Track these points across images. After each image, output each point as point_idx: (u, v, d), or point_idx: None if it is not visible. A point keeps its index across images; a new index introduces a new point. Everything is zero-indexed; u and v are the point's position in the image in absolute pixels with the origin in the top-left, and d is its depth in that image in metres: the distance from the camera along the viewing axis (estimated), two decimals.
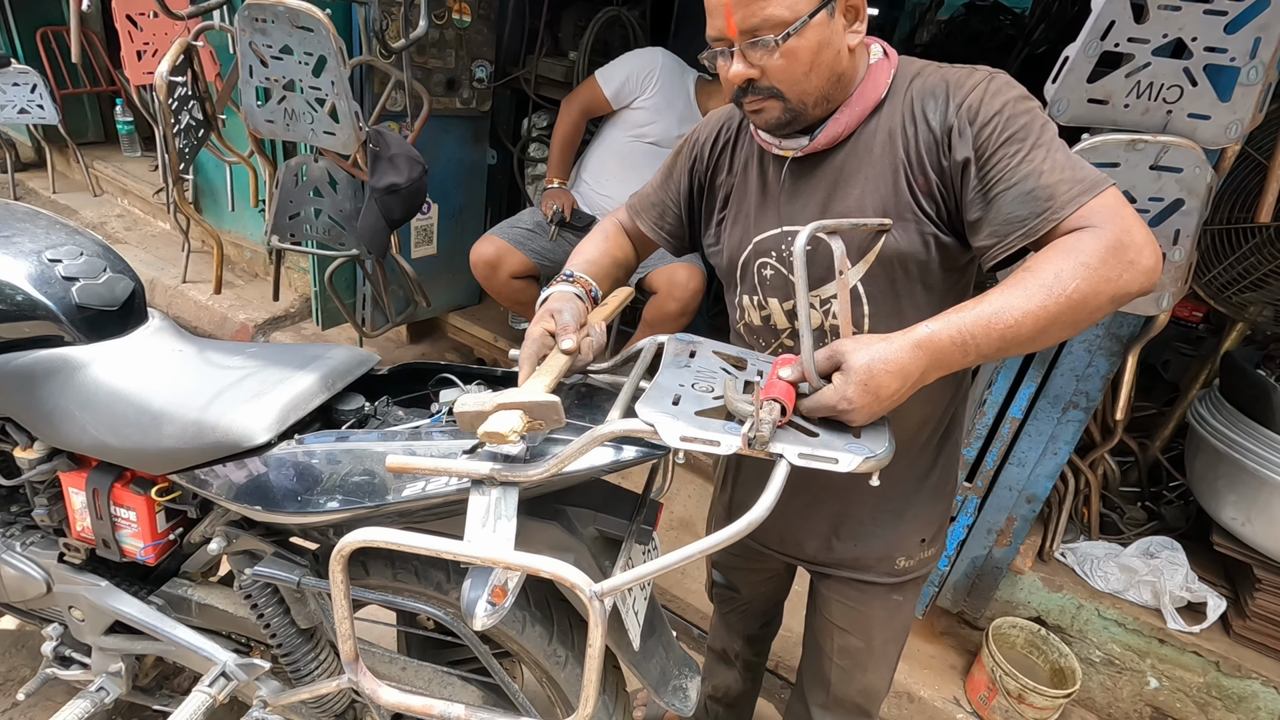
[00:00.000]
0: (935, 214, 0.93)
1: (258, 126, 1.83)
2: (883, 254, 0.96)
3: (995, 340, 0.77)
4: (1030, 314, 0.76)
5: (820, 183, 1.00)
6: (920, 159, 0.91)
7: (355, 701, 1.21)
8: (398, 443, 0.96)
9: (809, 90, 0.92)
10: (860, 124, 0.96)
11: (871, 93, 0.95)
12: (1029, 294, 0.77)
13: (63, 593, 1.22)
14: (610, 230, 1.24)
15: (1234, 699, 1.70)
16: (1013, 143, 0.85)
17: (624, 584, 0.78)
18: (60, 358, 1.07)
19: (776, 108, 0.93)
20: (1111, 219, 0.80)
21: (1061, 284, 0.76)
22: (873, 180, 0.95)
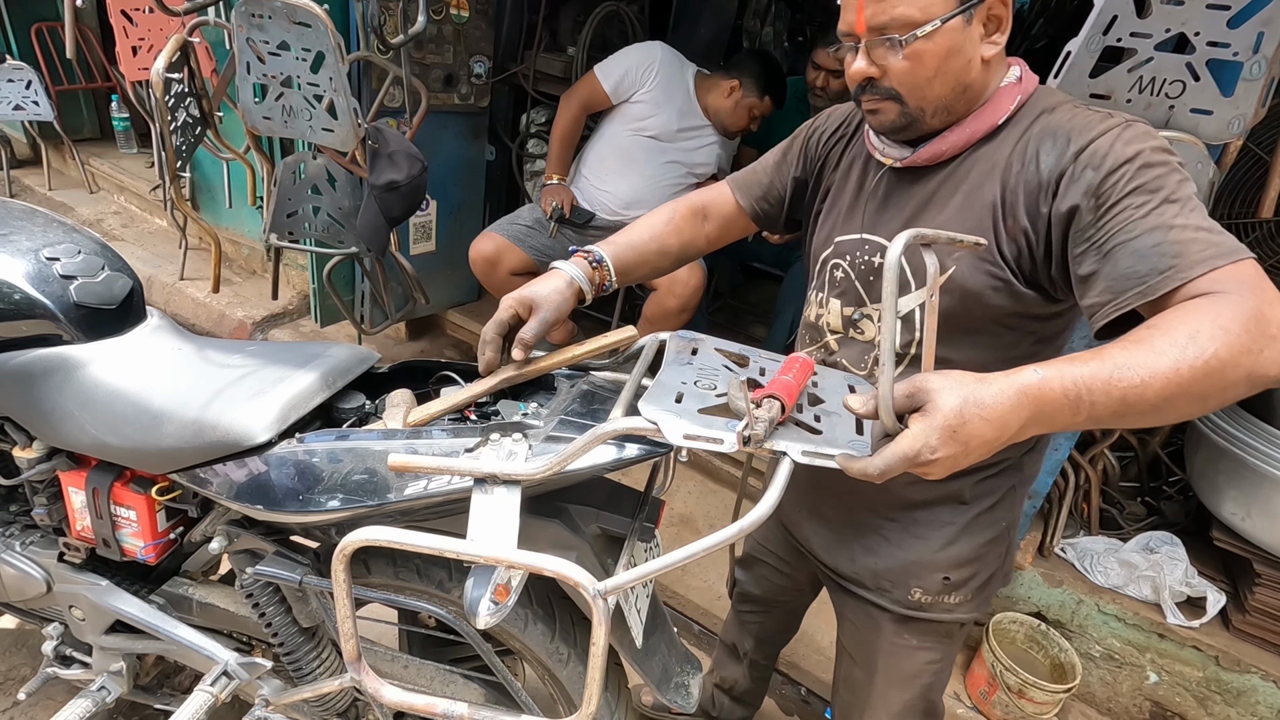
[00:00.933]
0: (1015, 260, 0.87)
1: (255, 123, 1.82)
2: (947, 285, 0.90)
3: (1114, 402, 0.65)
4: (1160, 375, 0.64)
5: (910, 200, 0.96)
6: (1016, 201, 0.85)
7: (357, 700, 1.21)
8: (399, 441, 0.96)
9: (929, 97, 0.88)
10: (968, 147, 0.91)
11: (989, 116, 0.90)
12: (1158, 353, 0.65)
13: (63, 592, 1.22)
14: (676, 214, 1.18)
15: (1233, 693, 1.71)
16: (1141, 194, 0.76)
17: (627, 582, 0.78)
18: (59, 356, 1.06)
19: (893, 110, 0.90)
20: (1250, 289, 0.69)
21: (1198, 346, 0.65)
22: (961, 210, 0.90)
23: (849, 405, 0.71)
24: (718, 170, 2.56)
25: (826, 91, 2.48)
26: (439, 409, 1.06)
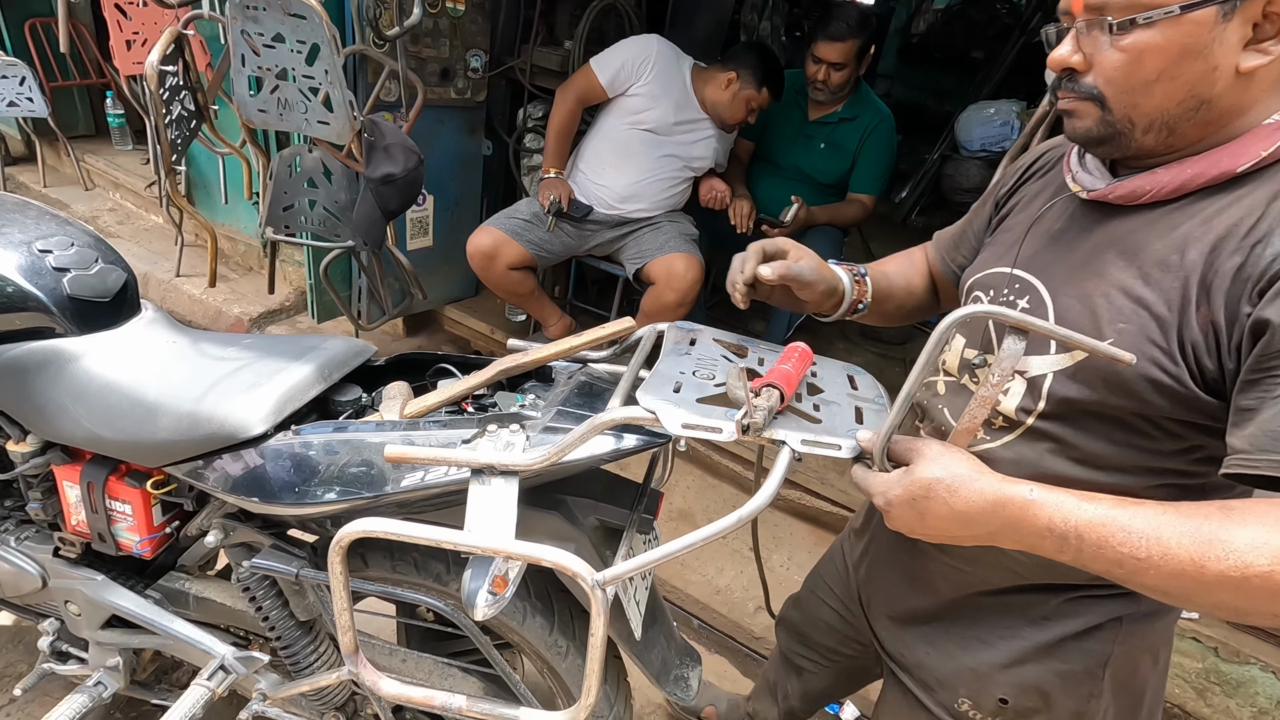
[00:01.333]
0: (1194, 356, 0.67)
1: (250, 117, 1.81)
2: (1093, 362, 0.72)
3: (1104, 561, 0.59)
4: (1170, 560, 0.56)
5: (1085, 242, 0.77)
6: (1219, 284, 0.64)
7: (355, 694, 1.21)
8: (396, 433, 0.95)
9: (1143, 107, 0.67)
10: (1184, 194, 0.69)
11: (1228, 158, 0.66)
12: (1187, 536, 0.56)
13: (59, 587, 1.21)
14: (915, 255, 1.11)
15: (1232, 684, 1.71)
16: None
17: (626, 572, 0.77)
18: (52, 350, 1.06)
19: (1091, 115, 0.71)
20: None
21: (1246, 556, 0.54)
22: (1146, 274, 0.69)
23: (860, 437, 0.72)
24: (715, 164, 2.55)
25: (827, 85, 2.47)
26: (436, 401, 1.06)
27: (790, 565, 2.20)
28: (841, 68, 2.42)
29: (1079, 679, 0.84)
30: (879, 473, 0.69)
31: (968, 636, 0.90)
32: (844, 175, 2.67)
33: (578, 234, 2.51)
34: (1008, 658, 0.87)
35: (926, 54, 5.90)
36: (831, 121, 2.59)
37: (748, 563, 2.22)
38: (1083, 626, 0.83)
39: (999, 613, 0.87)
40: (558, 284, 3.05)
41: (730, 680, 1.96)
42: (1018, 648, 0.86)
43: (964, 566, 0.89)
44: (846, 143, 2.61)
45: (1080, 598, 0.83)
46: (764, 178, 2.73)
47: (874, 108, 2.60)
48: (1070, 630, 0.83)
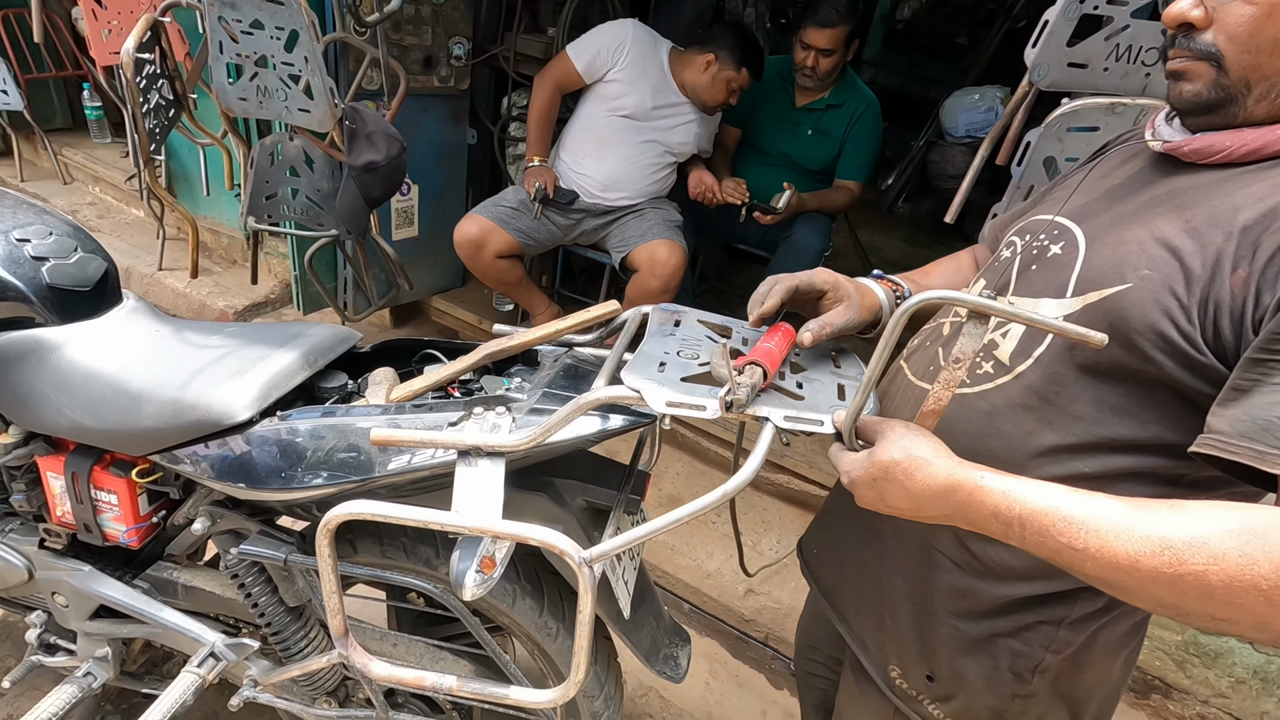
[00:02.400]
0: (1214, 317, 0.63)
1: (230, 105, 1.79)
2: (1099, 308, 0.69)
3: (1045, 549, 0.58)
4: (1106, 553, 0.55)
5: (1142, 195, 0.73)
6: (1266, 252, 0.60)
7: (347, 679, 1.21)
8: (382, 416, 0.95)
9: (1265, 69, 0.62)
10: (1258, 159, 0.66)
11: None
12: (1126, 530, 0.55)
13: (45, 579, 1.20)
14: (963, 259, 1.07)
15: (1211, 655, 1.75)
16: None
17: (612, 549, 0.78)
18: (32, 339, 1.05)
19: (1205, 76, 0.66)
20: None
21: (1182, 554, 0.52)
22: (1195, 225, 0.65)
23: (838, 422, 0.73)
24: (698, 149, 2.55)
25: (815, 72, 2.46)
26: (422, 385, 1.06)
27: (779, 548, 2.22)
28: (830, 54, 2.42)
29: (1003, 678, 0.82)
30: (848, 452, 0.71)
31: (905, 607, 0.89)
32: (831, 162, 2.68)
33: (564, 222, 2.51)
34: (939, 640, 0.85)
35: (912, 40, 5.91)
36: (819, 108, 2.60)
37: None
38: (1014, 627, 0.80)
39: (939, 595, 0.85)
40: (545, 273, 3.05)
41: (721, 662, 1.98)
42: (947, 634, 0.84)
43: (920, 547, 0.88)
44: (834, 129, 2.61)
45: (1025, 597, 0.80)
46: (752, 165, 2.73)
47: (860, 94, 2.60)
48: (1001, 629, 0.81)
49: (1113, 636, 0.81)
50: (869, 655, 0.93)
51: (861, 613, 0.95)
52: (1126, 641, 0.84)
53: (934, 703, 0.87)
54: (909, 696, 0.90)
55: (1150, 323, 0.65)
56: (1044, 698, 0.82)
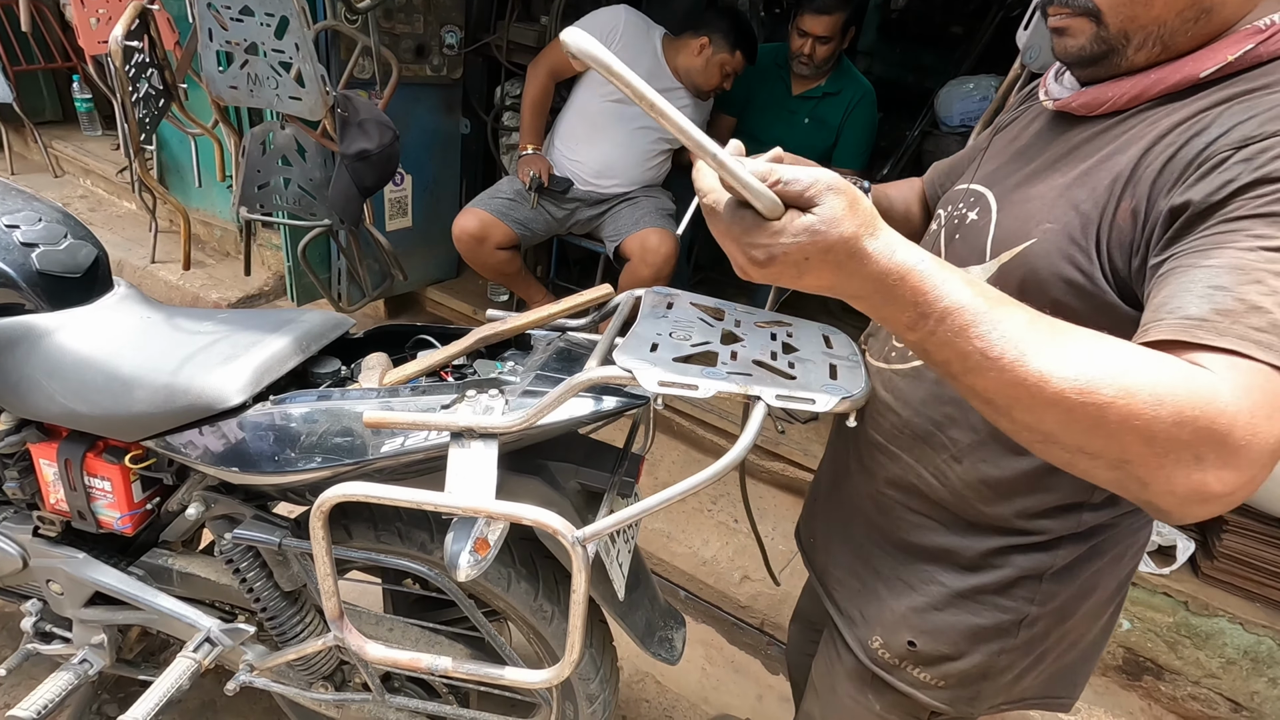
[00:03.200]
0: (1109, 250, 0.65)
1: (220, 93, 1.78)
2: (1012, 265, 0.71)
3: (952, 350, 0.54)
4: (1018, 368, 0.51)
5: (1043, 154, 0.75)
6: (1147, 175, 0.62)
7: (344, 663, 1.22)
8: (375, 399, 0.95)
9: (1141, 19, 0.64)
10: (1141, 103, 0.67)
11: (1191, 65, 0.63)
12: (1048, 349, 0.51)
13: (40, 567, 1.20)
14: (915, 183, 1.11)
15: (1202, 637, 1.76)
16: (1266, 223, 0.54)
17: (605, 528, 0.78)
18: (23, 325, 1.04)
19: (1085, 32, 0.67)
20: (1256, 401, 0.49)
21: (1095, 382, 0.50)
22: (1083, 176, 0.68)
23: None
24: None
25: (812, 59, 2.46)
26: (415, 370, 1.06)
27: (775, 535, 2.23)
28: (827, 41, 2.41)
29: (988, 633, 0.82)
30: (769, 221, 0.54)
31: (891, 578, 0.88)
32: (827, 150, 2.68)
33: (559, 212, 2.50)
34: (923, 602, 0.85)
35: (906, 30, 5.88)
36: (815, 96, 2.59)
37: (733, 534, 2.25)
38: (999, 580, 0.80)
39: (923, 558, 0.85)
40: (540, 263, 3.04)
41: (717, 648, 2.00)
42: (934, 593, 0.84)
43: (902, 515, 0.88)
44: (830, 117, 2.61)
45: (1001, 548, 0.80)
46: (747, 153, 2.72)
47: (856, 82, 2.60)
48: (986, 582, 0.81)
49: (1105, 580, 0.81)
50: (853, 630, 0.92)
51: (848, 589, 0.95)
52: (1118, 585, 0.84)
53: (918, 667, 0.87)
54: (891, 665, 0.89)
55: (1056, 271, 0.67)
56: (1034, 650, 0.82)
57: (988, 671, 0.84)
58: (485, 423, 0.85)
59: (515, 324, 1.06)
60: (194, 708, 1.56)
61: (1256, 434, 0.49)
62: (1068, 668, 0.89)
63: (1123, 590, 0.86)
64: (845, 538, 0.97)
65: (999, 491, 0.78)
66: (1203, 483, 0.50)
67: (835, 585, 0.98)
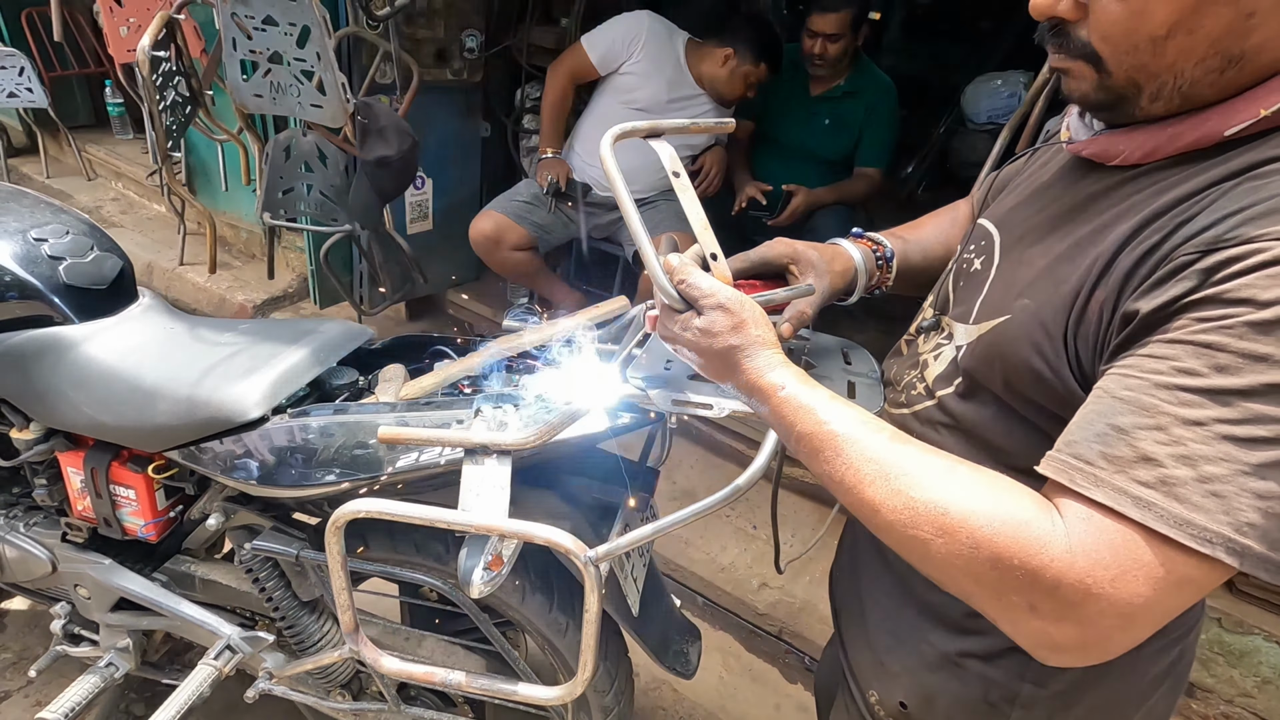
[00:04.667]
0: (1075, 338, 0.58)
1: (244, 101, 1.80)
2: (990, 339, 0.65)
3: (816, 471, 0.59)
4: (857, 494, 0.55)
5: (1057, 201, 0.67)
6: (1122, 268, 0.55)
7: (360, 672, 1.23)
8: (391, 414, 0.95)
9: (1151, 68, 0.54)
10: (1157, 160, 0.58)
11: (1218, 120, 0.53)
12: (885, 479, 0.54)
13: (68, 571, 1.23)
14: (960, 209, 0.99)
15: (1235, 654, 1.71)
16: (1198, 356, 0.47)
17: (618, 549, 0.78)
18: (51, 337, 1.06)
19: (1087, 78, 0.58)
20: (1099, 559, 0.47)
21: (923, 520, 0.51)
22: (1075, 249, 0.60)
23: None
24: (715, 141, 2.53)
25: (825, 59, 2.43)
26: (432, 382, 1.06)
27: (793, 541, 2.21)
28: (837, 39, 2.38)
29: (976, 707, 0.73)
30: (675, 311, 0.67)
31: (887, 632, 0.82)
32: (849, 150, 2.64)
33: (578, 216, 2.50)
34: (914, 662, 0.78)
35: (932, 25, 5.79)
36: (835, 96, 2.56)
37: (751, 540, 2.23)
38: (987, 648, 0.72)
39: (915, 611, 0.79)
40: (559, 266, 3.05)
41: (734, 655, 1.98)
42: (926, 653, 0.77)
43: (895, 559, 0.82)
44: (850, 117, 2.57)
45: None
46: (767, 156, 2.70)
47: (876, 79, 2.56)
48: (974, 648, 0.73)
49: (1125, 672, 0.70)
50: (856, 680, 0.87)
51: (852, 637, 0.90)
52: (1151, 680, 0.71)
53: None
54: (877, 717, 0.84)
55: (1022, 358, 0.61)
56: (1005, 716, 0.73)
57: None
58: (499, 439, 0.85)
59: (530, 338, 1.06)
60: (217, 710, 1.58)
61: (1091, 592, 0.46)
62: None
63: (1161, 689, 0.73)
64: (853, 578, 0.92)
65: None
66: (1044, 631, 0.49)
67: (845, 631, 0.93)
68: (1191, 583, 0.46)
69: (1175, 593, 0.47)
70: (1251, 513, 0.45)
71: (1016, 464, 0.62)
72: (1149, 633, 0.48)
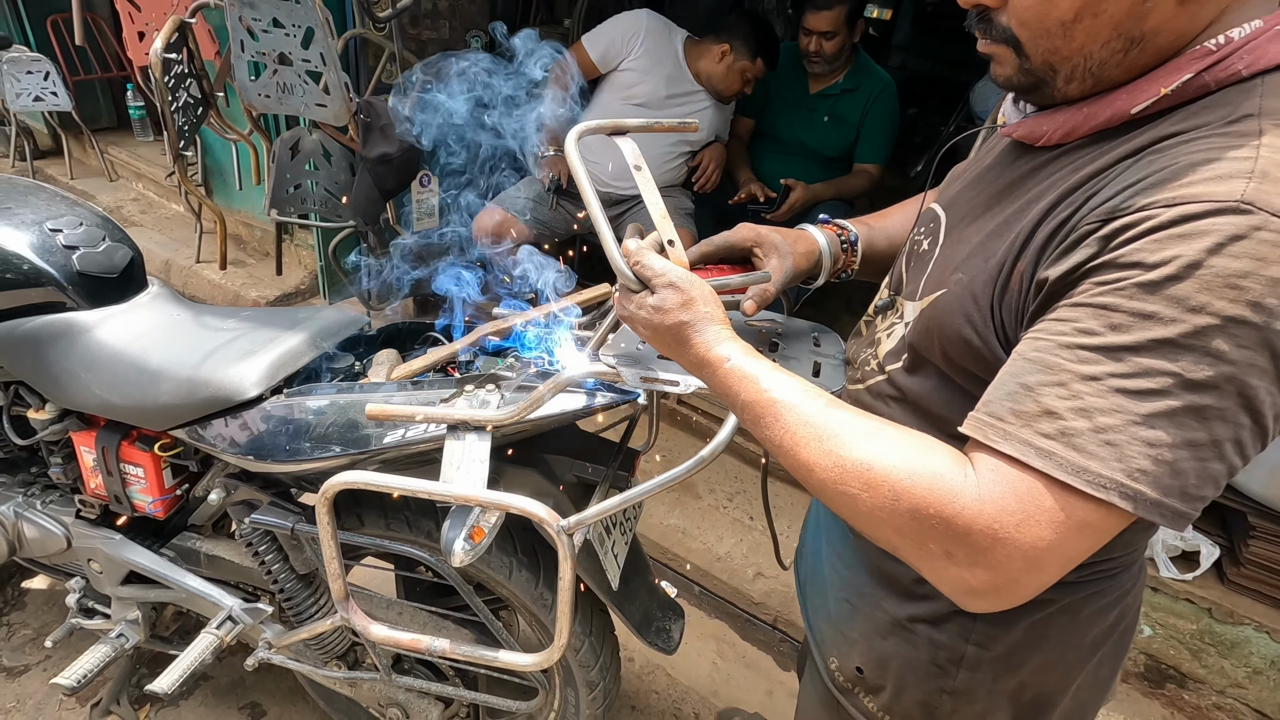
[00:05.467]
0: (1001, 309, 0.61)
1: (252, 101, 1.87)
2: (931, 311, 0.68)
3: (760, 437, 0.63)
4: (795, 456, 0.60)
5: (995, 183, 0.70)
6: (1038, 242, 0.58)
7: (355, 644, 1.28)
8: (380, 393, 1.00)
9: (1063, 52, 0.57)
10: (1074, 140, 0.61)
11: (1125, 99, 0.57)
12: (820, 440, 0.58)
13: (81, 547, 1.29)
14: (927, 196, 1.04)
15: (1227, 645, 1.71)
16: (1096, 316, 0.50)
17: (590, 518, 0.82)
18: (64, 322, 1.13)
19: (1009, 62, 0.61)
20: (1005, 507, 0.50)
21: (851, 477, 0.56)
22: (1003, 226, 0.63)
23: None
24: (714, 137, 2.56)
25: (822, 56, 2.45)
26: (421, 365, 1.11)
27: (789, 533, 2.23)
28: (832, 36, 2.40)
29: (925, 670, 0.76)
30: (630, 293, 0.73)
31: (845, 599, 0.86)
32: (849, 147, 2.66)
33: (579, 212, 2.54)
34: (868, 627, 0.82)
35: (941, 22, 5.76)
36: (833, 93, 2.58)
37: (747, 531, 2.26)
38: (933, 613, 0.75)
39: (873, 580, 0.82)
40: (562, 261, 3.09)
41: (729, 643, 2.01)
42: (878, 618, 0.80)
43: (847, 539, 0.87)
44: (849, 114, 2.59)
45: None
46: (767, 154, 2.73)
47: (875, 76, 2.57)
48: (921, 613, 0.76)
49: (1064, 633, 0.73)
50: (818, 649, 0.90)
51: (814, 606, 0.93)
52: (1091, 642, 0.75)
53: (867, 695, 0.83)
54: (846, 689, 0.86)
55: (955, 329, 0.64)
56: (981, 697, 0.75)
57: (933, 713, 0.78)
58: (478, 415, 0.90)
59: (515, 320, 1.10)
60: (224, 685, 1.65)
61: (998, 537, 0.50)
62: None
63: (1103, 650, 0.76)
64: (815, 551, 0.96)
65: None
66: (960, 578, 0.53)
67: (807, 602, 0.97)
68: (1090, 527, 0.50)
69: (1077, 537, 0.50)
70: (1143, 460, 0.48)
71: (956, 432, 0.64)
72: (1056, 576, 0.52)
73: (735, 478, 2.45)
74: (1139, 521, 0.50)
